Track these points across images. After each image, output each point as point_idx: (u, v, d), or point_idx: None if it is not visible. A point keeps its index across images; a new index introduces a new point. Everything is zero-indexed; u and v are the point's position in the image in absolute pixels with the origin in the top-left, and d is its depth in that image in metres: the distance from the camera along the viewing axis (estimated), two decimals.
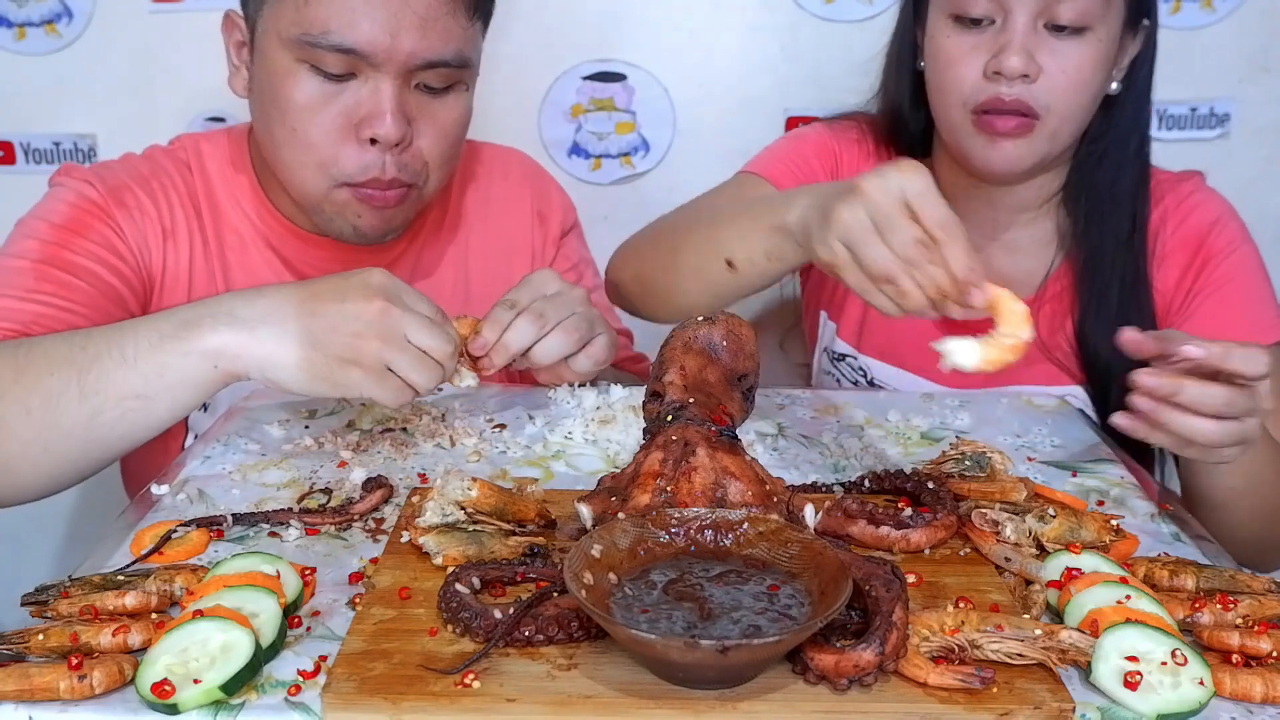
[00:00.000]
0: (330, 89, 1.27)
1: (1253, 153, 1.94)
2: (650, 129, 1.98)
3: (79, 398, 1.03)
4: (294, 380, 1.03)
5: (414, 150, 1.31)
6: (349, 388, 1.03)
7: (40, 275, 1.27)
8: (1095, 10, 1.27)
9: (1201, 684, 0.74)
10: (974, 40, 1.31)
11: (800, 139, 1.56)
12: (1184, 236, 1.41)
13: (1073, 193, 1.42)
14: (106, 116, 1.95)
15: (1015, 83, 1.28)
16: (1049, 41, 1.28)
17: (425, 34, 1.25)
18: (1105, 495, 1.08)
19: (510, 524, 0.93)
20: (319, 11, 1.23)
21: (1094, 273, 1.40)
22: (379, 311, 1.02)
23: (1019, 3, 1.27)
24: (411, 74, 1.27)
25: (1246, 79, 1.91)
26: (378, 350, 1.02)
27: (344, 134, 1.28)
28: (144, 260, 1.37)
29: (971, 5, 1.30)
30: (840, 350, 1.55)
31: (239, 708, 0.73)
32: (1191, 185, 1.44)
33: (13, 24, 1.91)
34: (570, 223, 1.60)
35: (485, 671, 0.75)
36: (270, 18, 1.28)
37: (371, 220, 1.34)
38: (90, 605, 0.82)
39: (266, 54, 1.29)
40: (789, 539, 0.83)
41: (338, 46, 1.24)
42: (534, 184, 1.58)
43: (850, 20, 1.91)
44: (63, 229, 1.32)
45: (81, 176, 1.37)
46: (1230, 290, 1.38)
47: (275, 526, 0.99)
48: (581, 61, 1.95)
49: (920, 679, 0.74)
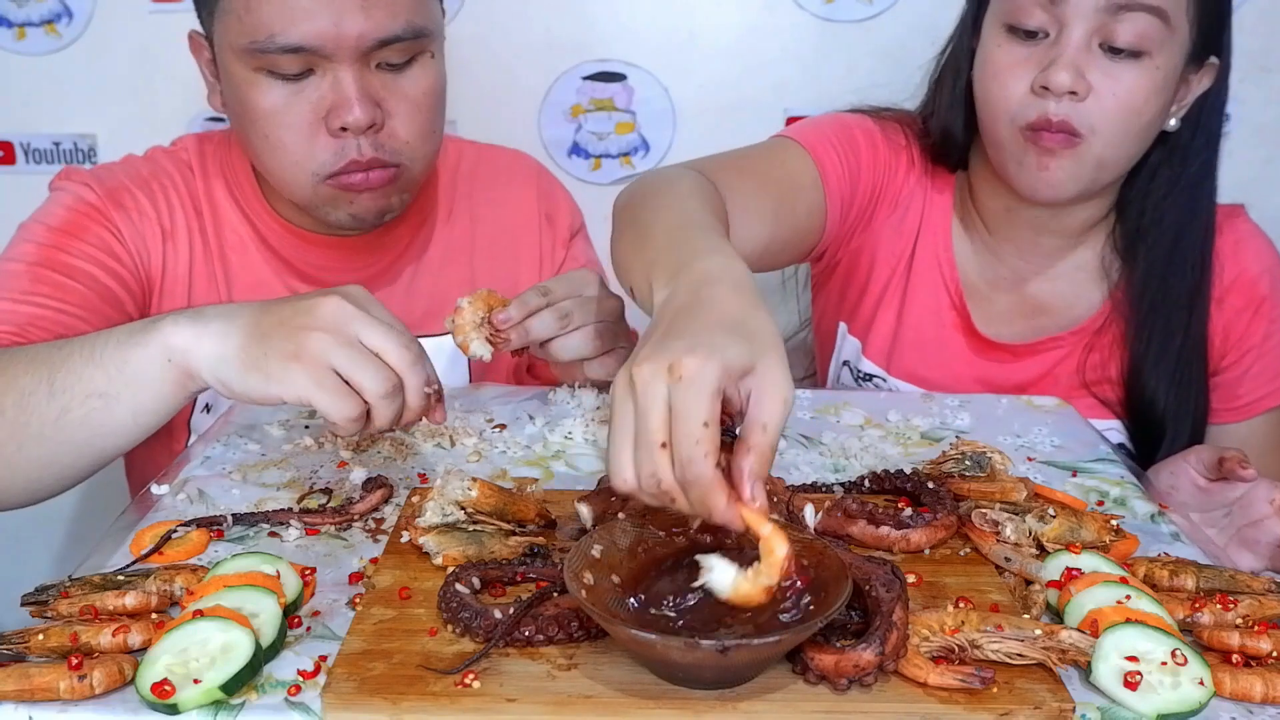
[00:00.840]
0: (292, 89, 1.27)
1: (1253, 153, 1.94)
2: (650, 129, 1.99)
3: (48, 396, 1.01)
4: (232, 373, 0.95)
5: (389, 130, 1.30)
6: (286, 385, 0.93)
7: (36, 278, 1.27)
8: (1155, 34, 1.22)
9: (1201, 684, 0.74)
10: (1026, 52, 1.27)
11: (846, 125, 1.45)
12: (1241, 283, 1.39)
13: (1128, 231, 1.38)
14: (106, 116, 1.95)
15: (1063, 99, 1.24)
16: (1102, 62, 1.24)
17: (370, 14, 1.24)
18: (1105, 495, 1.08)
19: (510, 524, 0.93)
20: (260, 17, 1.23)
21: (1156, 321, 1.36)
22: (332, 306, 0.95)
23: (1076, 17, 1.23)
24: (368, 56, 1.26)
25: (1246, 79, 1.91)
26: (322, 345, 0.93)
27: (315, 130, 1.28)
28: (143, 262, 1.37)
29: (1027, 15, 1.26)
30: (867, 370, 1.51)
31: (239, 708, 0.73)
32: (1246, 227, 1.42)
33: (13, 24, 1.92)
34: (578, 225, 1.60)
35: (485, 671, 0.75)
36: (221, 32, 1.28)
37: (365, 203, 1.33)
38: (90, 605, 0.82)
39: (227, 68, 1.29)
40: (789, 539, 0.83)
41: (285, 47, 1.23)
42: (540, 186, 1.58)
43: (850, 20, 1.91)
44: (59, 232, 1.32)
45: (80, 179, 1.38)
46: (1277, 340, 1.39)
47: (275, 526, 0.98)
48: (581, 61, 1.95)
49: (920, 679, 0.74)
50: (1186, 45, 1.26)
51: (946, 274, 1.46)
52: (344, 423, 0.94)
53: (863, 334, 1.52)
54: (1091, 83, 1.24)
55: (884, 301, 1.49)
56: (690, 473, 0.73)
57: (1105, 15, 1.22)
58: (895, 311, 1.48)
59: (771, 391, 0.75)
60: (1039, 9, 1.25)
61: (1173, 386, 1.36)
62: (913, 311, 1.48)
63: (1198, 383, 1.38)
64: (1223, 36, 1.31)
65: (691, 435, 0.72)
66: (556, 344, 1.16)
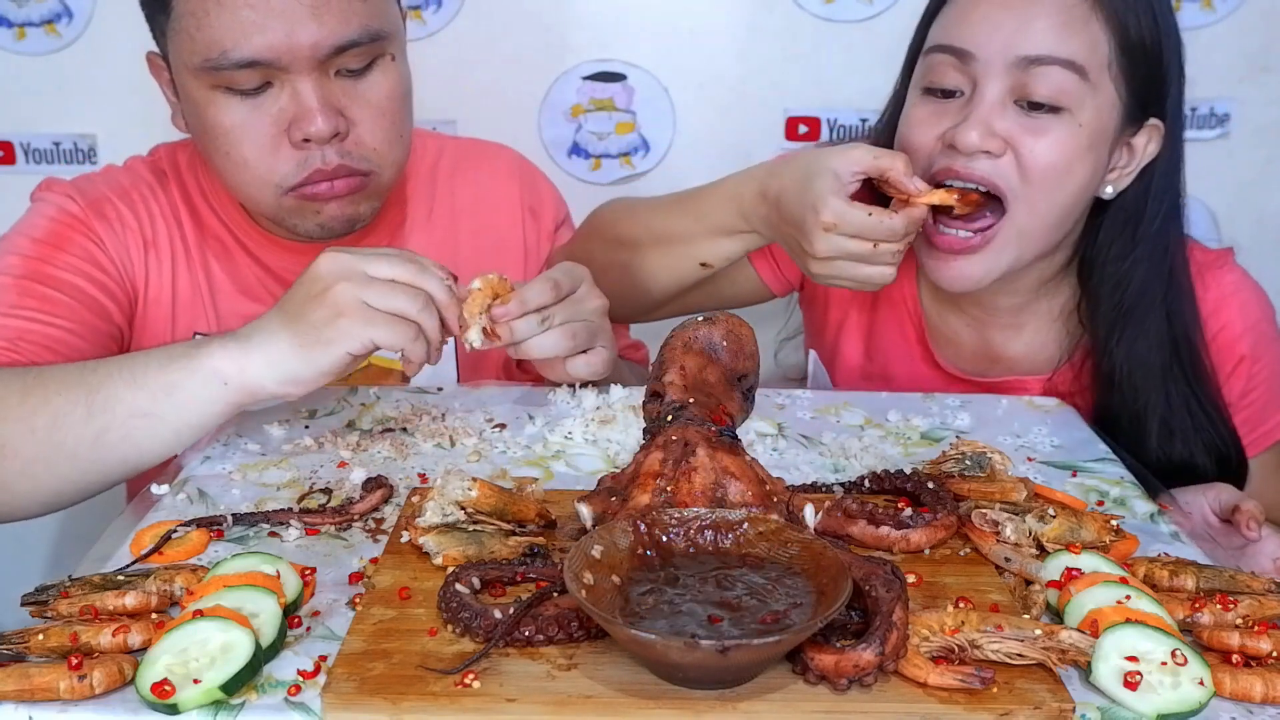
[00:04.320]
0: (250, 104, 1.25)
1: (1253, 153, 1.94)
2: (650, 129, 1.99)
3: (86, 417, 1.04)
4: (296, 364, 1.03)
5: (355, 138, 1.29)
6: (345, 339, 1.02)
7: (23, 291, 1.27)
8: (1073, 89, 1.19)
9: (1201, 684, 0.74)
10: (940, 108, 1.24)
11: None
12: (1222, 341, 1.33)
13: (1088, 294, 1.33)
14: (106, 116, 1.95)
15: (977, 159, 1.20)
16: (1021, 119, 1.20)
17: (321, 22, 1.22)
18: (1105, 495, 1.08)
19: (510, 524, 0.93)
20: (211, 34, 1.21)
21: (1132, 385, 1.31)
22: (328, 261, 1.03)
23: (988, 75, 1.20)
24: (325, 64, 1.24)
25: (1246, 79, 1.91)
26: (349, 293, 1.01)
27: (277, 143, 1.27)
28: (127, 272, 1.37)
29: (941, 76, 1.23)
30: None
31: (239, 708, 0.73)
32: (1232, 279, 1.35)
33: (13, 24, 1.92)
34: (562, 216, 1.59)
35: (485, 671, 0.75)
36: (175, 52, 1.27)
37: (332, 212, 1.32)
38: (90, 605, 0.82)
39: (184, 88, 1.28)
40: (789, 539, 0.83)
41: (240, 62, 1.22)
42: (523, 179, 1.57)
43: (850, 20, 1.91)
44: (43, 244, 1.32)
45: (62, 191, 1.37)
46: (1256, 396, 1.36)
47: (275, 526, 0.98)
48: (581, 61, 1.95)
49: (920, 679, 0.74)
50: (1118, 106, 1.22)
51: (910, 309, 1.44)
52: (408, 345, 1.04)
53: (829, 362, 1.52)
54: (1009, 140, 1.20)
55: (844, 332, 1.49)
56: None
57: (1018, 71, 1.19)
58: (861, 343, 1.48)
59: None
60: (953, 69, 1.23)
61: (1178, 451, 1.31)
62: (879, 345, 1.47)
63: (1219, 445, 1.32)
64: (1165, 98, 1.25)
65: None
66: (532, 343, 1.16)
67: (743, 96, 1.95)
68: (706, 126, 1.97)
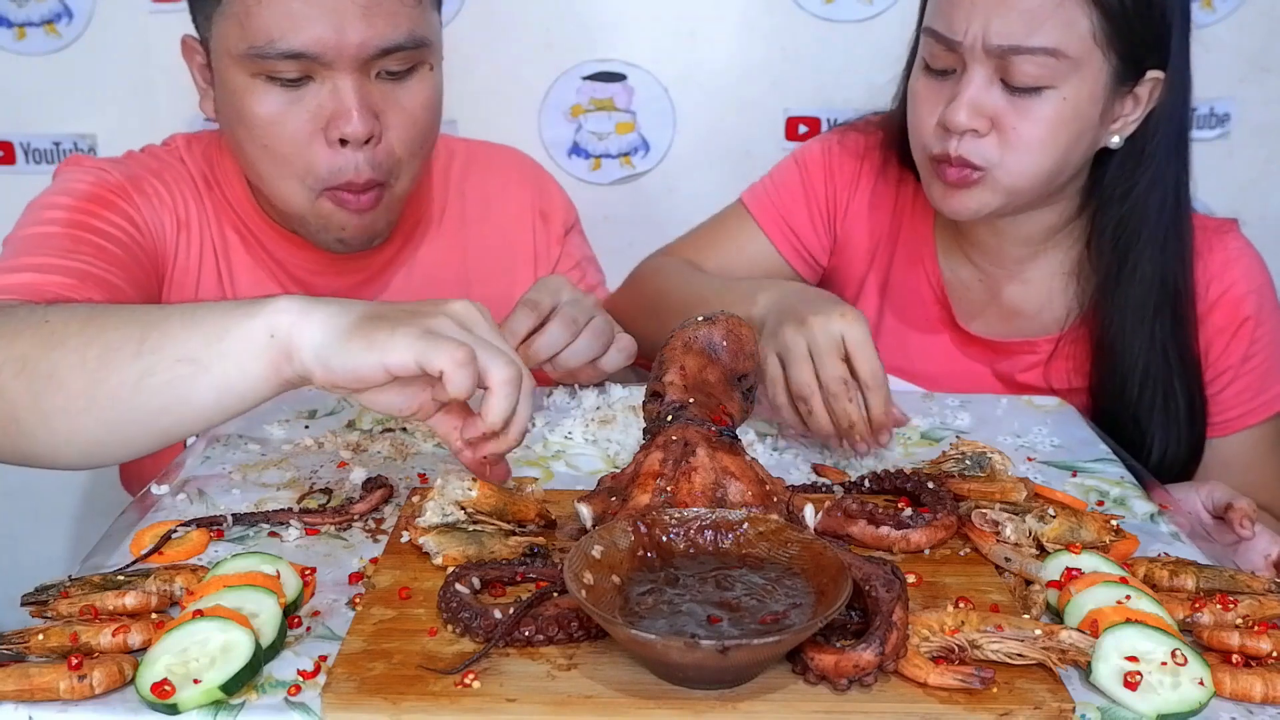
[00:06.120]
0: (291, 96, 1.26)
1: (1253, 153, 1.94)
2: (650, 129, 1.99)
3: (135, 355, 0.97)
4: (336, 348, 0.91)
5: (385, 145, 1.29)
6: (389, 350, 0.89)
7: (75, 240, 1.24)
8: (1055, 68, 1.22)
9: (1201, 684, 0.74)
10: (938, 87, 1.29)
11: (795, 167, 1.55)
12: (1226, 302, 1.37)
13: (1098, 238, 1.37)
14: (106, 116, 1.95)
15: (965, 138, 1.26)
16: (1006, 99, 1.24)
17: (371, 21, 1.22)
18: (1105, 495, 1.08)
19: (510, 524, 0.93)
20: (261, 22, 1.22)
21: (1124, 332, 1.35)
22: (463, 305, 0.95)
23: (972, 60, 1.24)
24: (368, 65, 1.25)
25: (1246, 79, 1.91)
26: (442, 323, 0.91)
27: (313, 139, 1.27)
28: (160, 247, 1.37)
29: (936, 56, 1.29)
30: None
31: (239, 708, 0.73)
32: (1237, 244, 1.40)
33: (13, 24, 1.92)
34: (572, 220, 1.60)
35: (485, 671, 0.75)
36: (219, 37, 1.27)
37: (354, 229, 1.33)
38: (90, 605, 0.82)
39: (223, 74, 1.28)
40: (789, 539, 0.83)
41: (286, 53, 1.22)
42: (534, 183, 1.58)
43: (850, 20, 1.91)
44: (87, 201, 1.30)
45: (95, 164, 1.37)
46: (1258, 362, 1.38)
47: (275, 526, 0.98)
48: (581, 61, 1.95)
49: (920, 679, 0.74)
50: (1106, 70, 1.24)
51: (929, 268, 1.48)
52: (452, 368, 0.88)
53: None
54: (994, 119, 1.25)
55: (864, 292, 1.52)
56: (876, 381, 1.11)
57: (997, 57, 1.23)
58: (876, 303, 1.51)
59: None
60: (944, 51, 1.27)
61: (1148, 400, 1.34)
62: (894, 304, 1.50)
63: (1184, 395, 1.35)
64: (1164, 48, 1.27)
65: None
66: (568, 353, 1.16)
67: (743, 96, 1.95)
68: (706, 126, 1.97)
